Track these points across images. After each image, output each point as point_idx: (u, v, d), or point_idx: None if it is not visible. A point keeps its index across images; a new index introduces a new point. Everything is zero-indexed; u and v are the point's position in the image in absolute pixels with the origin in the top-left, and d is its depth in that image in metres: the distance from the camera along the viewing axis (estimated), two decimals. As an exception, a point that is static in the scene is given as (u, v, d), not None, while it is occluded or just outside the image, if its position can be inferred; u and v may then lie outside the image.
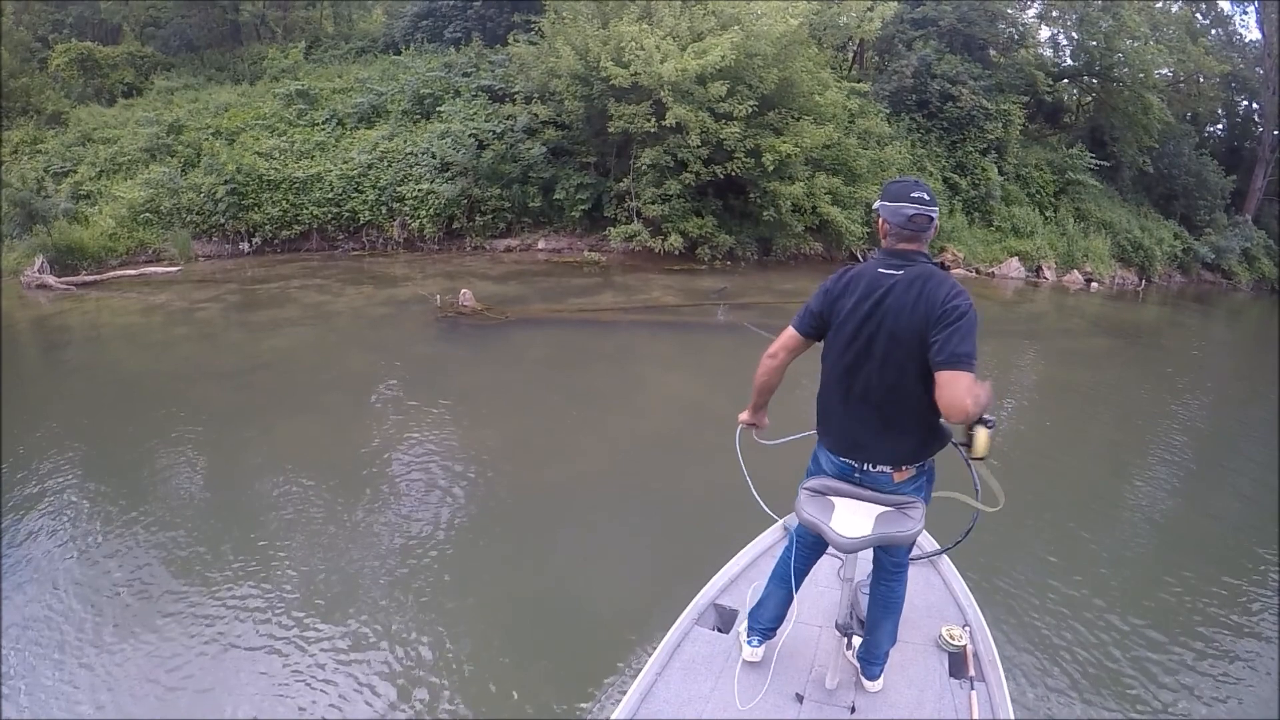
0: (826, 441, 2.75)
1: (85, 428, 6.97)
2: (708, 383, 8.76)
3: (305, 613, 4.12)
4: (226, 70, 22.11)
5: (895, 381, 2.51)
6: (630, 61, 14.87)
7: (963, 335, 2.33)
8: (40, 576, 4.44)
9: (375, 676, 3.66)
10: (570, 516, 5.35)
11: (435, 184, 16.67)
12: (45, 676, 3.64)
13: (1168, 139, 24.46)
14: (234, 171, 16.26)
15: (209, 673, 3.68)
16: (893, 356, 2.49)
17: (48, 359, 10.02)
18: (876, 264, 2.57)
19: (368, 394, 7.96)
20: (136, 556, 4.69)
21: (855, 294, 2.57)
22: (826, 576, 3.35)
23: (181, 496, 5.59)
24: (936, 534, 3.63)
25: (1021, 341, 12.06)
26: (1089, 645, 4.09)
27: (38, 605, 4.17)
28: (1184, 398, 9.91)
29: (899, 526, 2.50)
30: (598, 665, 3.74)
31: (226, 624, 4.03)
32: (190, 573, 4.51)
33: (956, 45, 21.64)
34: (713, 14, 15.77)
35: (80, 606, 4.16)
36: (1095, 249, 21.14)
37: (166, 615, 4.09)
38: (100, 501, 5.44)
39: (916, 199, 2.48)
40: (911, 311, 2.42)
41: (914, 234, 2.51)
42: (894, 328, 2.46)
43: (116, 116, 18.91)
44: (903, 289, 2.46)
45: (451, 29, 21.55)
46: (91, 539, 4.89)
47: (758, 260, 17.04)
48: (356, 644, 3.89)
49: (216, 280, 14.02)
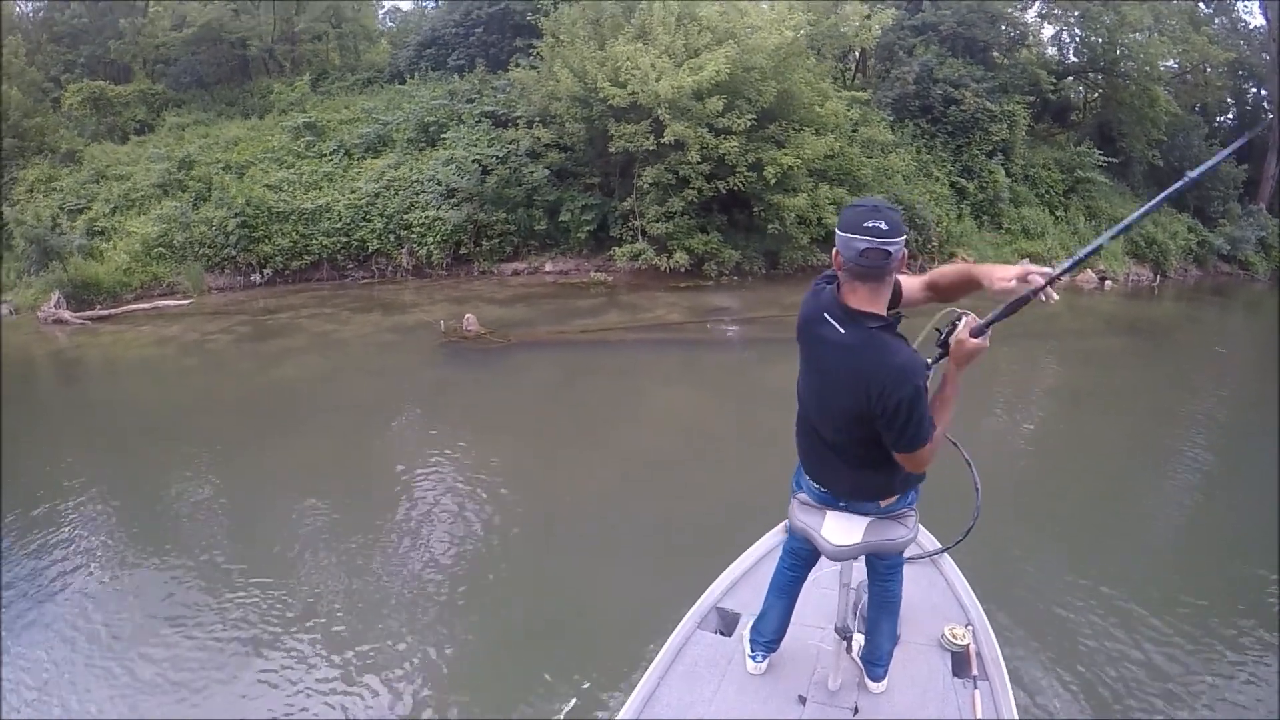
0: (805, 468, 2.66)
1: (98, 458, 7.19)
2: (708, 399, 8.78)
3: (313, 629, 4.24)
4: (236, 105, 22.44)
5: (849, 437, 2.38)
6: (627, 81, 14.96)
7: (915, 425, 2.17)
8: (55, 597, 4.62)
9: (383, 683, 3.76)
10: (571, 531, 5.42)
11: (441, 210, 16.82)
12: (69, 680, 3.84)
13: (1177, 131, 24.18)
14: (243, 204, 16.49)
15: (214, 683, 3.82)
16: (838, 419, 2.37)
17: (64, 392, 10.35)
18: (824, 307, 2.29)
19: (370, 420, 8.07)
20: (151, 575, 4.88)
21: (804, 342, 2.40)
22: (829, 578, 3.33)
23: (187, 520, 5.73)
24: (937, 533, 3.61)
25: (1034, 343, 11.97)
26: (1091, 644, 4.09)
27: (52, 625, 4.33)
28: (1201, 397, 9.76)
29: (890, 534, 2.49)
30: (600, 670, 3.79)
31: (234, 640, 4.16)
32: (199, 588, 4.68)
33: (958, 49, 21.57)
34: (708, 30, 15.81)
35: (95, 619, 4.36)
36: (1108, 246, 20.83)
37: (174, 625, 4.26)
38: (112, 522, 5.67)
39: (870, 229, 2.07)
40: (854, 390, 2.21)
41: (866, 270, 2.14)
42: (833, 398, 2.33)
43: (129, 153, 19.25)
44: (841, 357, 2.24)
45: (455, 56, 21.76)
46: (107, 557, 5.09)
47: (765, 274, 17.01)
48: (367, 653, 4.00)
49: (228, 312, 14.23)
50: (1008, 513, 5.54)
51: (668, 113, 14.82)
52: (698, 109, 14.98)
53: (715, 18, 16.00)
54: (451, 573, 4.77)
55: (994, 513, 2.89)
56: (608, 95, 15.09)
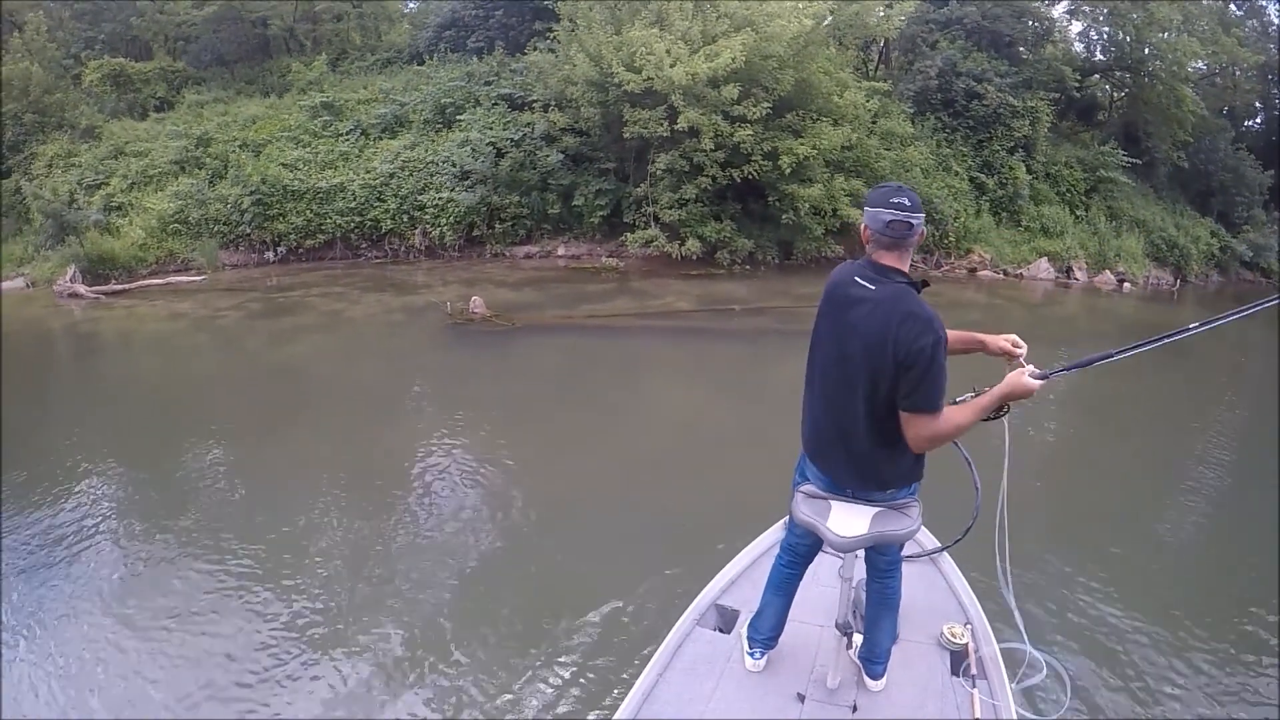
0: (809, 455, 2.73)
1: (101, 434, 7.22)
2: (711, 390, 8.73)
3: (294, 620, 4.16)
4: (256, 83, 22.52)
5: (866, 409, 2.47)
6: (642, 66, 14.86)
7: (930, 382, 2.35)
8: (66, 576, 4.63)
9: (373, 680, 3.69)
10: (568, 524, 5.34)
11: (455, 192, 16.84)
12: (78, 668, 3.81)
13: (1203, 134, 23.79)
14: (259, 182, 16.57)
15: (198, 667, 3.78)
16: (857, 382, 2.46)
17: (76, 365, 10.52)
18: (855, 272, 2.52)
19: (366, 402, 8.08)
20: (153, 550, 4.90)
21: (830, 308, 2.55)
22: (828, 575, 3.33)
23: (181, 494, 5.73)
24: (937, 532, 3.60)
25: (1050, 349, 11.69)
26: (1091, 644, 4.06)
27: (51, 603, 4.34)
28: (1217, 407, 9.51)
29: (896, 525, 2.53)
30: (599, 667, 3.75)
31: (216, 624, 4.13)
32: (191, 563, 4.69)
33: (984, 43, 21.30)
34: (726, 16, 15.67)
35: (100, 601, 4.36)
36: (1128, 248, 20.61)
37: (173, 616, 4.22)
38: (110, 498, 5.67)
39: (896, 204, 2.39)
40: (880, 341, 2.38)
41: (893, 241, 2.44)
42: (860, 350, 2.43)
43: (148, 130, 19.36)
44: (870, 310, 2.42)
45: (474, 39, 21.72)
46: (109, 538, 5.07)
47: (778, 264, 16.93)
48: (355, 648, 3.92)
49: (241, 289, 14.32)
50: (1012, 514, 5.44)
51: (681, 99, 14.72)
52: (712, 96, 14.87)
53: (734, 4, 15.85)
54: (443, 565, 4.67)
55: (992, 513, 2.85)
56: (622, 80, 15.00)
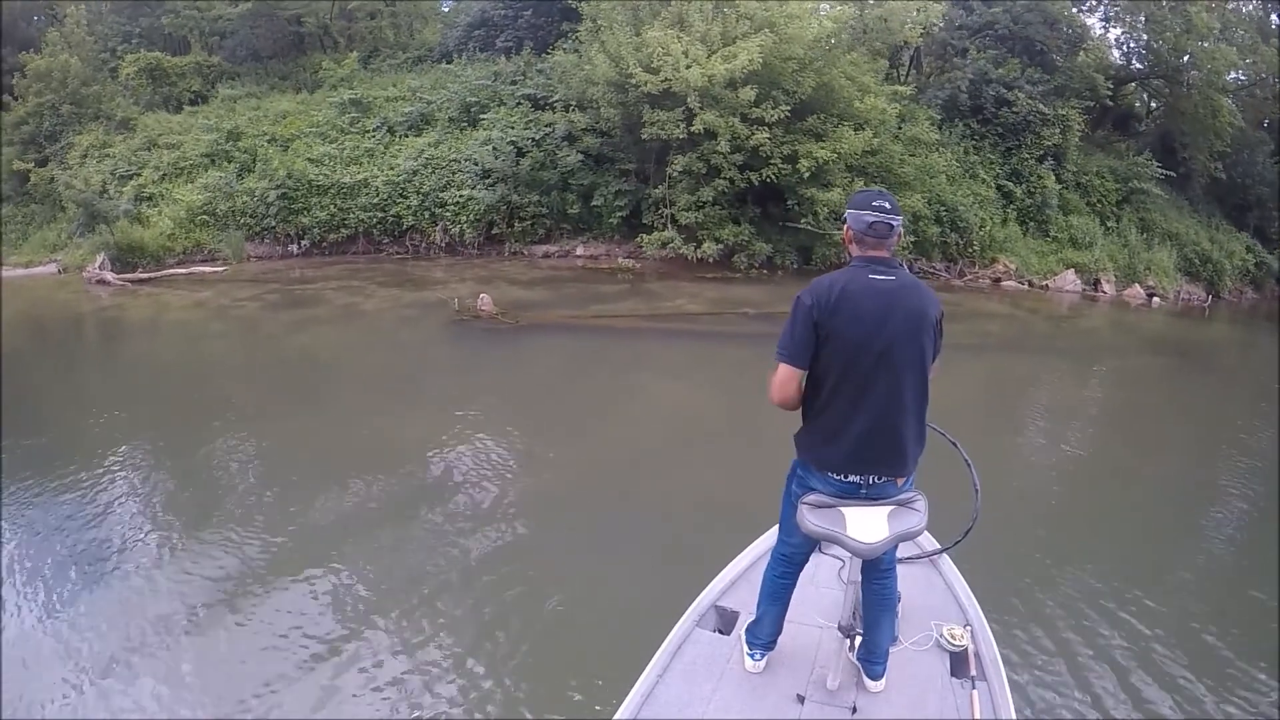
0: (829, 464, 2.67)
1: (111, 411, 7.48)
2: (712, 393, 8.69)
3: (295, 622, 4.09)
4: (289, 79, 22.91)
5: (911, 387, 2.61)
6: (659, 68, 14.87)
7: (941, 335, 2.69)
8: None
9: (371, 681, 3.66)
10: (566, 525, 5.29)
11: (476, 190, 16.99)
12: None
13: (1241, 147, 23.21)
14: (284, 176, 16.88)
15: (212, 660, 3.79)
16: (907, 362, 2.59)
17: (100, 349, 10.96)
18: (863, 271, 2.63)
19: (363, 394, 8.16)
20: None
21: (854, 305, 2.57)
22: (827, 577, 3.34)
23: (185, 473, 5.88)
24: (936, 534, 3.58)
25: (1069, 363, 11.49)
26: (1091, 644, 4.04)
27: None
28: (1244, 430, 9.14)
29: (910, 521, 2.57)
30: (598, 667, 3.74)
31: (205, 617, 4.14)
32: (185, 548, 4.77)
33: (1016, 50, 20.95)
34: (746, 18, 15.61)
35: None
36: (1159, 261, 20.13)
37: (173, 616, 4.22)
38: (118, 492, 5.70)
39: (877, 207, 2.61)
40: (919, 320, 2.59)
41: (877, 240, 2.64)
42: (904, 335, 2.58)
43: (181, 123, 19.79)
44: (903, 296, 2.60)
45: (503, 38, 21.90)
46: (124, 527, 5.14)
47: (796, 269, 16.77)
48: (356, 649, 3.87)
49: (262, 280, 14.60)
50: (1013, 515, 5.50)
51: (698, 101, 14.70)
52: (729, 98, 14.83)
53: (754, 7, 15.79)
54: (439, 566, 4.62)
55: (993, 516, 2.85)
56: (640, 81, 15.01)
